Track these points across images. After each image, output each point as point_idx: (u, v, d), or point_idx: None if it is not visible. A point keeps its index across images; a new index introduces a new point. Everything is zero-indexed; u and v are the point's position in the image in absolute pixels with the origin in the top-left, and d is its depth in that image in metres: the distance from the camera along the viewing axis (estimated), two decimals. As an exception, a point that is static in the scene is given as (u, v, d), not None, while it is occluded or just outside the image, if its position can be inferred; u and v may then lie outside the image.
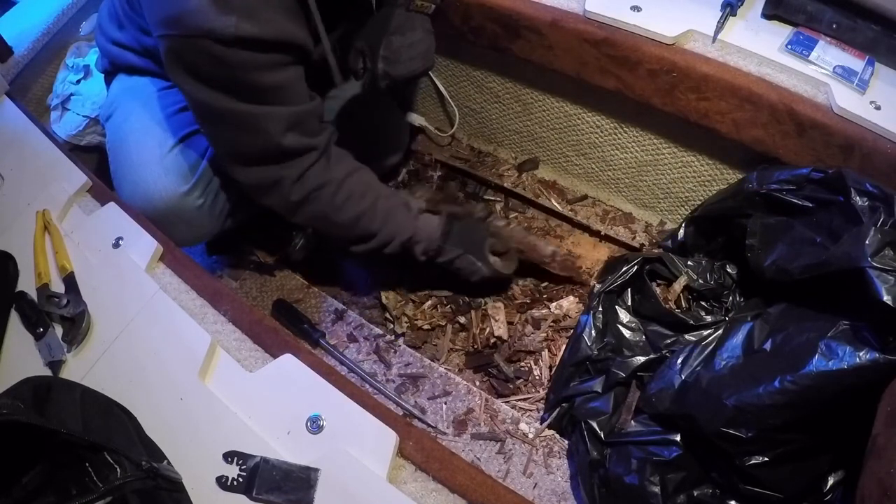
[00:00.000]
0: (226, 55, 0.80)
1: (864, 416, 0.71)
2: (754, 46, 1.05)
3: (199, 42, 0.80)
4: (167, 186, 0.99)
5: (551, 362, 1.16)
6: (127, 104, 1.05)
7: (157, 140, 1.01)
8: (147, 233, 0.87)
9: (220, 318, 0.80)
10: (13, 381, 0.60)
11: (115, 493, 0.55)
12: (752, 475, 0.79)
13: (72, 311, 0.78)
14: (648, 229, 1.35)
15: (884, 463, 0.65)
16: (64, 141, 1.27)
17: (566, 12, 1.14)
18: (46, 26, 1.23)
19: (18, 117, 1.04)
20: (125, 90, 1.07)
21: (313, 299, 1.24)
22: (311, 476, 0.65)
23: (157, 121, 1.02)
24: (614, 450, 0.90)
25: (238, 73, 0.83)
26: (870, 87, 0.98)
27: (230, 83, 0.84)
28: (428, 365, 1.13)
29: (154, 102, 1.04)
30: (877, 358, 0.70)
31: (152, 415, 0.68)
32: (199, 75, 0.84)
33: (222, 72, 0.83)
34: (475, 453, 1.02)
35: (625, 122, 1.26)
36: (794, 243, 0.89)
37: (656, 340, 1.02)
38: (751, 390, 0.77)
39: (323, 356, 1.10)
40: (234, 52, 0.80)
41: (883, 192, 0.81)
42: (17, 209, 0.91)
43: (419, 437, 0.71)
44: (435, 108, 1.56)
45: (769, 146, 1.05)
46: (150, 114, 1.03)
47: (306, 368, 0.74)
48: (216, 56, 0.80)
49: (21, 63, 1.18)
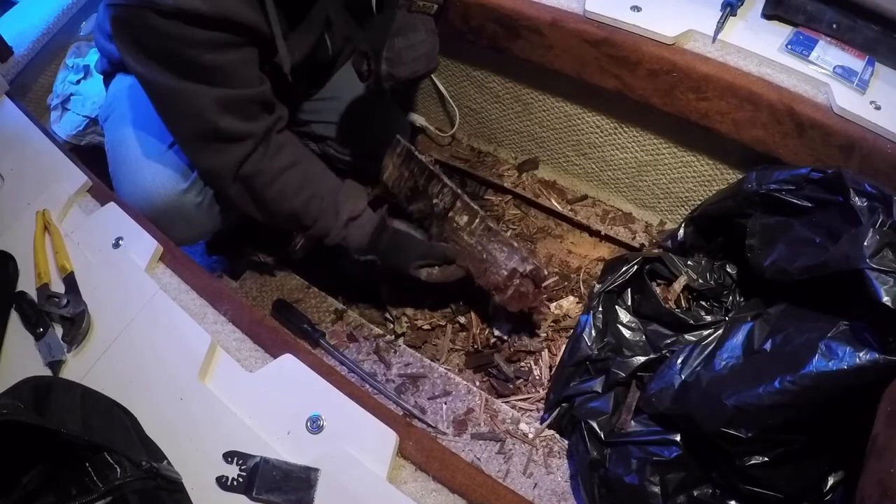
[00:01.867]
0: (165, 28, 0.79)
1: (864, 417, 0.71)
2: (754, 46, 1.05)
3: (140, 12, 0.79)
4: (166, 185, 0.99)
5: (551, 362, 1.16)
6: (124, 104, 1.05)
7: (155, 139, 1.01)
8: (147, 233, 0.87)
9: (220, 318, 0.81)
10: (13, 381, 0.60)
11: (115, 493, 0.55)
12: (752, 475, 0.79)
13: (72, 311, 0.78)
14: (648, 229, 1.35)
15: (884, 463, 0.65)
16: (64, 141, 1.27)
17: (566, 12, 1.14)
18: (46, 26, 1.23)
19: (18, 117, 1.04)
20: (123, 90, 1.07)
21: (313, 299, 1.24)
22: (311, 476, 0.65)
23: (154, 120, 1.02)
24: (614, 450, 0.90)
25: (176, 48, 0.81)
26: (870, 87, 0.98)
27: (169, 58, 0.83)
28: (428, 365, 1.13)
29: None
30: (876, 358, 0.70)
31: (152, 415, 0.68)
32: (140, 48, 0.83)
33: (161, 44, 0.81)
34: (475, 453, 1.02)
35: (625, 122, 1.26)
36: (794, 243, 0.89)
37: (656, 340, 1.02)
38: (751, 390, 0.77)
39: (323, 356, 1.10)
40: (174, 25, 0.79)
41: (882, 193, 0.81)
42: (17, 209, 0.91)
43: (419, 437, 0.71)
44: (435, 108, 1.56)
45: (769, 146, 1.05)
46: (148, 113, 1.03)
47: (306, 368, 0.74)
48: (155, 27, 0.79)
49: (21, 63, 1.18)
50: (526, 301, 1.09)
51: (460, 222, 1.06)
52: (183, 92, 0.86)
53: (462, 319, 1.22)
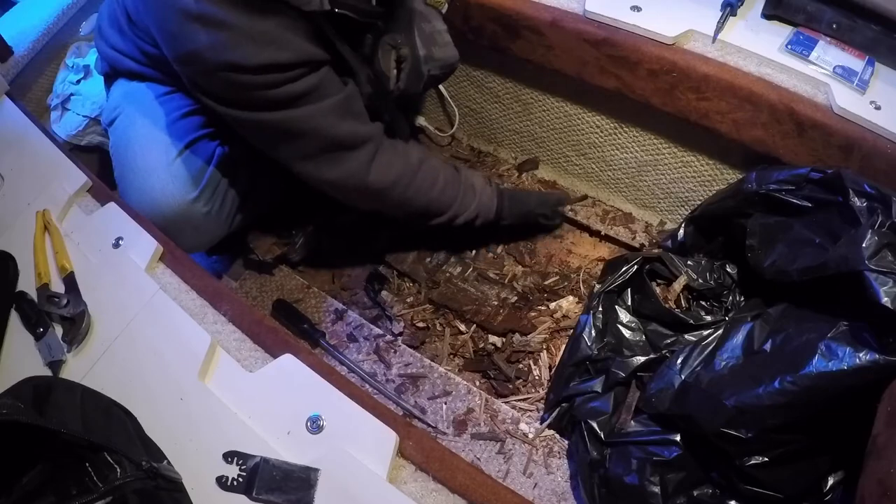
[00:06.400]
0: (252, 80, 0.82)
1: (864, 417, 0.71)
2: (754, 46, 1.05)
3: (223, 75, 0.81)
4: (175, 194, 0.99)
5: (551, 362, 1.16)
6: (130, 109, 1.05)
7: (163, 147, 1.01)
8: (147, 233, 0.87)
9: (220, 318, 0.80)
10: (13, 381, 0.60)
11: (115, 493, 0.55)
12: (752, 475, 0.79)
13: (72, 311, 0.78)
14: (648, 229, 1.35)
15: (884, 463, 0.65)
16: (64, 141, 1.27)
17: (566, 12, 1.14)
18: (46, 26, 1.23)
19: (18, 117, 1.03)
20: (127, 94, 1.07)
21: (313, 299, 1.24)
22: (311, 476, 0.65)
23: (161, 127, 1.02)
24: (614, 450, 0.90)
25: (269, 92, 0.84)
26: (870, 87, 0.98)
27: (265, 101, 0.86)
28: (428, 365, 1.13)
29: (157, 108, 1.04)
30: (876, 359, 0.70)
31: (152, 415, 0.68)
32: (230, 102, 0.86)
33: (251, 94, 0.84)
34: (475, 453, 1.02)
35: (625, 122, 1.26)
36: (794, 244, 0.89)
37: (656, 340, 1.02)
38: (751, 391, 0.77)
39: (323, 356, 1.11)
40: (261, 77, 0.82)
41: (881, 193, 0.81)
42: (17, 209, 0.91)
43: (419, 437, 0.71)
44: (435, 108, 1.55)
45: (769, 146, 1.05)
46: (154, 119, 1.03)
47: (306, 368, 0.73)
48: (243, 83, 0.82)
49: (21, 63, 1.18)
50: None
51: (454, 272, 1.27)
52: (292, 119, 0.89)
53: (462, 327, 1.22)
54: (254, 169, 1.13)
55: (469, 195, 1.15)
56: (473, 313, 1.22)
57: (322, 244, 1.31)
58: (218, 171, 1.05)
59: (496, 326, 1.19)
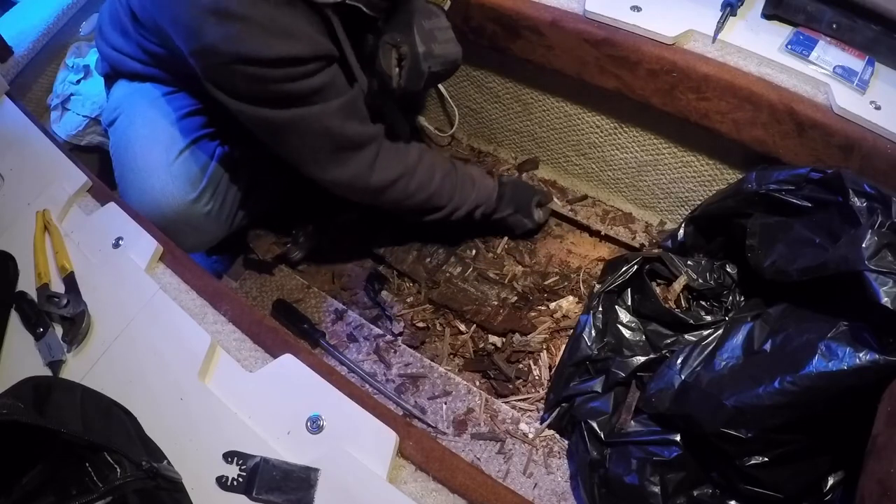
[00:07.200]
0: (265, 74, 0.82)
1: (864, 417, 0.71)
2: (754, 46, 1.05)
3: (236, 67, 0.81)
4: (175, 194, 0.99)
5: (551, 362, 1.16)
6: (131, 109, 1.05)
7: (164, 146, 1.01)
8: (147, 233, 0.87)
9: (220, 318, 0.80)
10: (13, 381, 0.60)
11: (115, 493, 0.55)
12: (752, 475, 0.79)
13: (72, 311, 0.78)
14: (648, 229, 1.35)
15: (884, 463, 0.65)
16: (64, 141, 1.27)
17: (566, 12, 1.14)
18: (46, 26, 1.23)
19: (18, 117, 1.03)
20: (128, 95, 1.06)
21: (313, 299, 1.24)
22: (311, 476, 0.65)
23: (162, 127, 1.02)
24: (614, 450, 0.90)
25: (282, 88, 0.85)
26: (870, 87, 0.98)
27: (276, 97, 0.86)
28: (428, 365, 1.13)
29: (158, 108, 1.04)
30: (876, 359, 0.70)
31: (152, 415, 0.68)
32: (241, 96, 0.86)
33: (263, 88, 0.84)
34: (475, 453, 1.02)
35: (625, 122, 1.26)
36: (794, 244, 0.89)
37: (656, 340, 1.02)
38: (751, 391, 0.77)
39: (323, 356, 1.11)
40: (273, 71, 0.82)
41: (881, 193, 0.81)
42: (17, 209, 0.91)
43: (419, 437, 0.71)
44: (435, 108, 1.55)
45: (769, 146, 1.05)
46: (155, 119, 1.02)
47: (306, 368, 0.74)
48: (255, 76, 0.82)
49: (21, 63, 1.18)
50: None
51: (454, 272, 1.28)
52: (302, 118, 0.90)
53: (462, 327, 1.22)
54: (254, 169, 1.13)
55: (468, 186, 1.17)
56: (473, 313, 1.22)
57: (322, 244, 1.31)
58: (218, 172, 1.05)
59: (496, 326, 1.19)
